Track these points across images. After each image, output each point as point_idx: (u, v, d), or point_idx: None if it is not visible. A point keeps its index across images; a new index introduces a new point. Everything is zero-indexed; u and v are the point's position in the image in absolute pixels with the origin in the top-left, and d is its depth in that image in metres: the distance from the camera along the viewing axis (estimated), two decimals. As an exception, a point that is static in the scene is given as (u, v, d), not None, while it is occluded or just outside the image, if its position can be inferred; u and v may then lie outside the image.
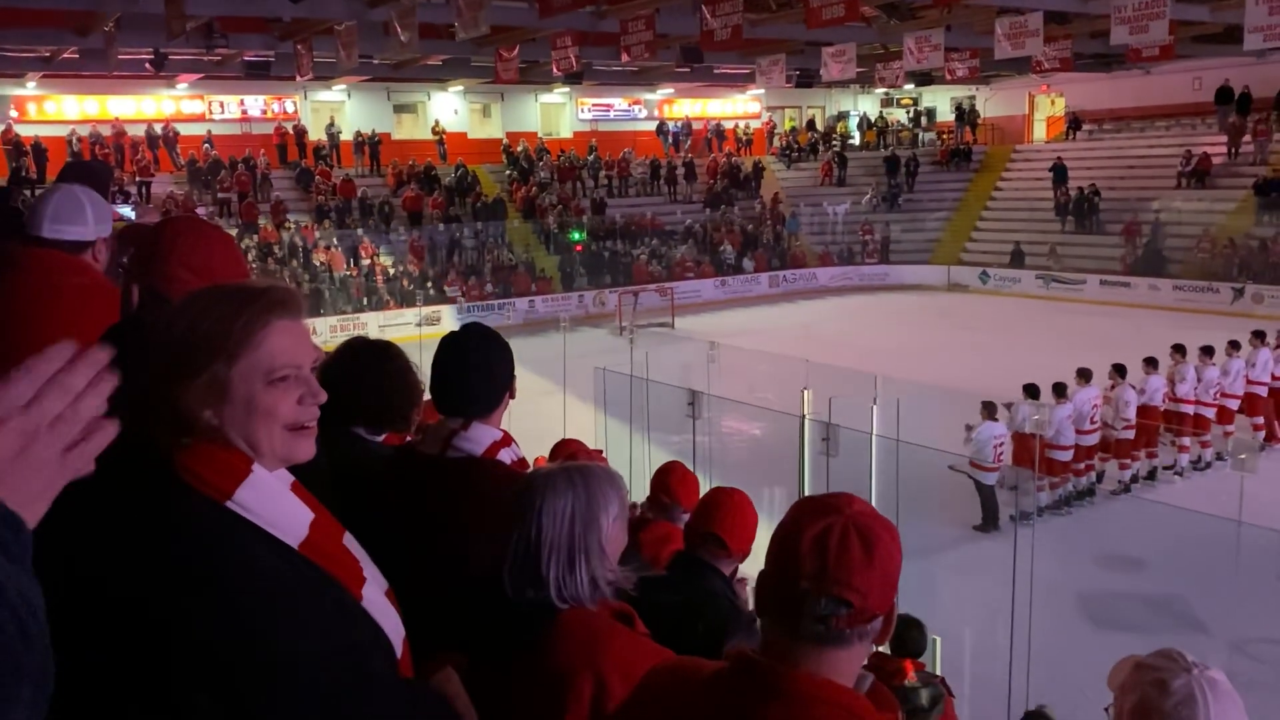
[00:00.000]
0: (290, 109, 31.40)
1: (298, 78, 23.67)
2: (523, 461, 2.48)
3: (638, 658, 1.84)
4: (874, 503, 6.91)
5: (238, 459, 1.49)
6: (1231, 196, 28.45)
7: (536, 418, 13.53)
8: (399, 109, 33.67)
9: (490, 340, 2.47)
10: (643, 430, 11.91)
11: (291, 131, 30.60)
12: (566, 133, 35.87)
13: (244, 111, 30.75)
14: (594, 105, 36.33)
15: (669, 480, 4.26)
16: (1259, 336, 14.33)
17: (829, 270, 32.92)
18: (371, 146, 31.18)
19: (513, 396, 2.47)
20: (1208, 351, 13.63)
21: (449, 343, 2.45)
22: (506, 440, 2.43)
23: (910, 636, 5.73)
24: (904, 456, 10.40)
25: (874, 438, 9.86)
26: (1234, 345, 14.04)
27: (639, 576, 2.09)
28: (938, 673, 6.41)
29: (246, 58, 23.99)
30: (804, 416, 10.77)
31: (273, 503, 1.51)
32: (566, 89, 34.32)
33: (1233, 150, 29.85)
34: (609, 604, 1.99)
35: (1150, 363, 13.19)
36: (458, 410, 2.39)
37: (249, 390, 1.47)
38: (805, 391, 11.37)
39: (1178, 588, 9.49)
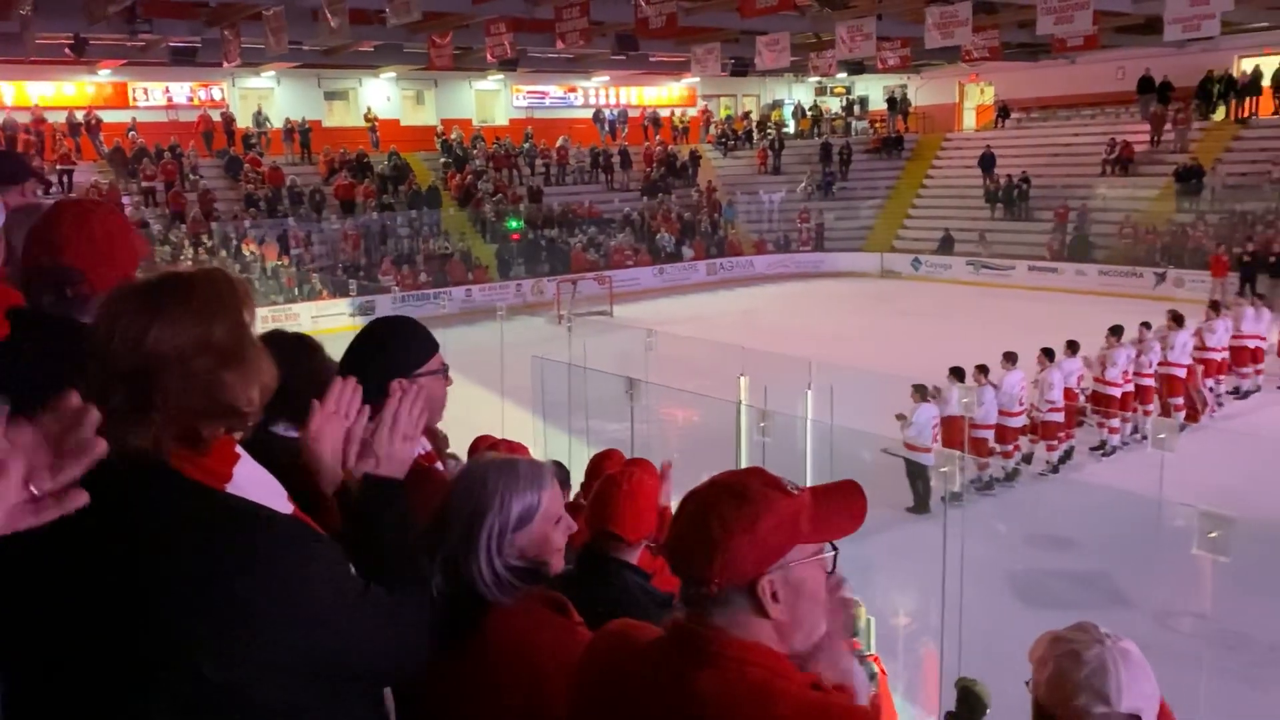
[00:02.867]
0: (218, 96, 30.74)
1: (225, 64, 23.18)
2: (430, 455, 2.46)
3: (572, 647, 1.85)
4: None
5: (226, 444, 1.58)
6: (1154, 184, 29.21)
7: (473, 408, 13.47)
8: (330, 96, 33.14)
9: (397, 329, 2.45)
10: (581, 419, 11.91)
11: (219, 119, 29.95)
12: (502, 120, 35.61)
13: (169, 98, 30.02)
14: (529, 92, 36.13)
15: (603, 468, 4.27)
16: (1176, 320, 14.75)
17: (765, 258, 33.18)
18: (302, 134, 30.64)
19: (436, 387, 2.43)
20: (1115, 332, 13.97)
21: (362, 333, 2.44)
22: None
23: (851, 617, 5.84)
24: (838, 440, 10.56)
25: (809, 422, 10.00)
26: (1145, 326, 14.44)
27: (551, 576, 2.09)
28: (872, 651, 6.54)
29: (172, 43, 23.40)
30: (740, 402, 10.88)
31: (260, 480, 1.63)
32: (501, 76, 34.08)
33: (1155, 138, 30.65)
34: (543, 594, 1.99)
35: (1071, 346, 13.51)
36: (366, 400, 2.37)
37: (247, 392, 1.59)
38: (742, 378, 11.48)
39: (1103, 564, 9.76)
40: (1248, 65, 30.65)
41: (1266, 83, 29.59)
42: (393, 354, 2.40)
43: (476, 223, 30.53)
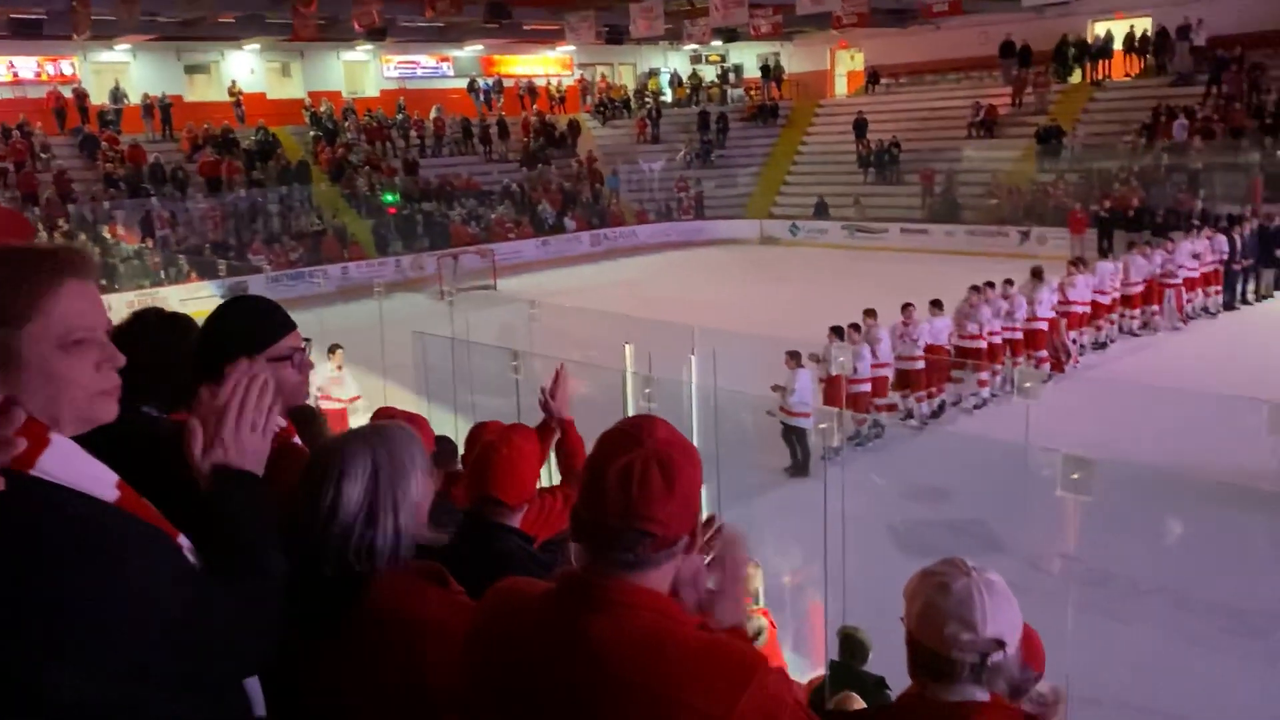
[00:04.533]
0: (68, 71, 29.18)
1: (75, 36, 22.00)
2: (286, 431, 2.40)
3: (452, 616, 1.84)
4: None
5: (34, 428, 1.43)
6: (1016, 145, 30.32)
7: (356, 387, 13.18)
8: (190, 70, 31.80)
9: (244, 309, 2.37)
10: (466, 394, 11.77)
11: (71, 95, 28.42)
12: (373, 91, 34.75)
13: (15, 74, 28.38)
14: (400, 63, 35.35)
15: (481, 438, 4.25)
16: (1038, 275, 15.38)
17: (648, 227, 33.31)
18: (162, 110, 29.35)
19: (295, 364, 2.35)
20: (975, 289, 14.50)
21: (212, 315, 2.35)
22: None
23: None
24: (722, 404, 10.70)
25: (693, 387, 10.10)
26: (1009, 283, 15.03)
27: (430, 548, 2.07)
28: (762, 605, 6.68)
29: (14, 15, 22.06)
30: (626, 370, 10.92)
31: (76, 467, 1.49)
32: (370, 46, 33.24)
33: (1016, 101, 31.78)
34: (420, 565, 1.96)
35: (936, 304, 13.96)
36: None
37: (42, 356, 1.42)
38: (627, 346, 11.52)
39: (977, 512, 10.16)
40: (1100, 30, 32.04)
41: (1118, 46, 30.96)
42: (240, 336, 2.31)
43: (350, 198, 29.79)
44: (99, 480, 1.53)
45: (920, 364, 13.37)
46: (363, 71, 35.02)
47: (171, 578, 1.52)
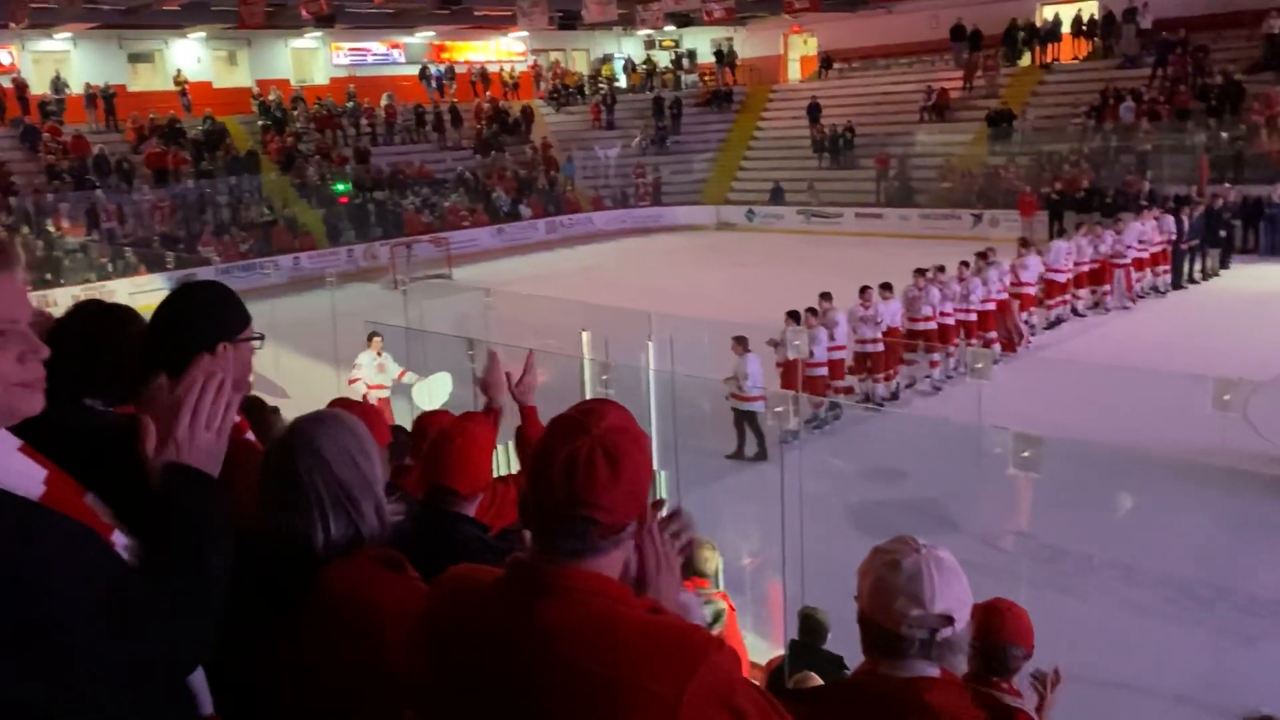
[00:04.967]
0: (6, 60, 28.49)
1: (13, 25, 21.47)
2: (239, 426, 2.36)
3: (409, 602, 1.83)
4: (654, 436, 7.09)
5: None
6: (968, 129, 30.60)
7: (308, 379, 13.05)
8: (134, 58, 31.19)
9: (192, 299, 2.32)
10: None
11: (10, 85, 27.76)
12: (322, 79, 34.31)
13: (-50, 64, 27.70)
14: (350, 50, 34.91)
15: (429, 426, 4.25)
16: (983, 257, 15.54)
17: (604, 214, 33.25)
18: (105, 100, 28.75)
19: (241, 360, 2.31)
20: (920, 273, 14.64)
21: (166, 304, 2.30)
22: None
23: (697, 557, 5.98)
24: (680, 389, 10.72)
25: (651, 373, 10.10)
26: (965, 265, 15.20)
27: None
28: (720, 589, 6.71)
29: (-53, 2, 21.52)
30: (584, 357, 10.90)
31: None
32: (319, 33, 32.80)
33: (967, 85, 32.06)
34: (376, 552, 1.95)
35: (885, 288, 14.07)
36: (168, 370, 2.24)
37: None
38: (584, 333, 11.51)
39: (932, 491, 10.27)
40: (1049, 13, 32.41)
41: (1066, 29, 31.33)
42: (209, 324, 2.26)
43: (301, 187, 29.42)
44: (25, 476, 1.51)
45: (880, 346, 13.48)
46: (312, 59, 34.55)
47: (96, 576, 1.49)
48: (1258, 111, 25.07)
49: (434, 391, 10.48)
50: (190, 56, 31.56)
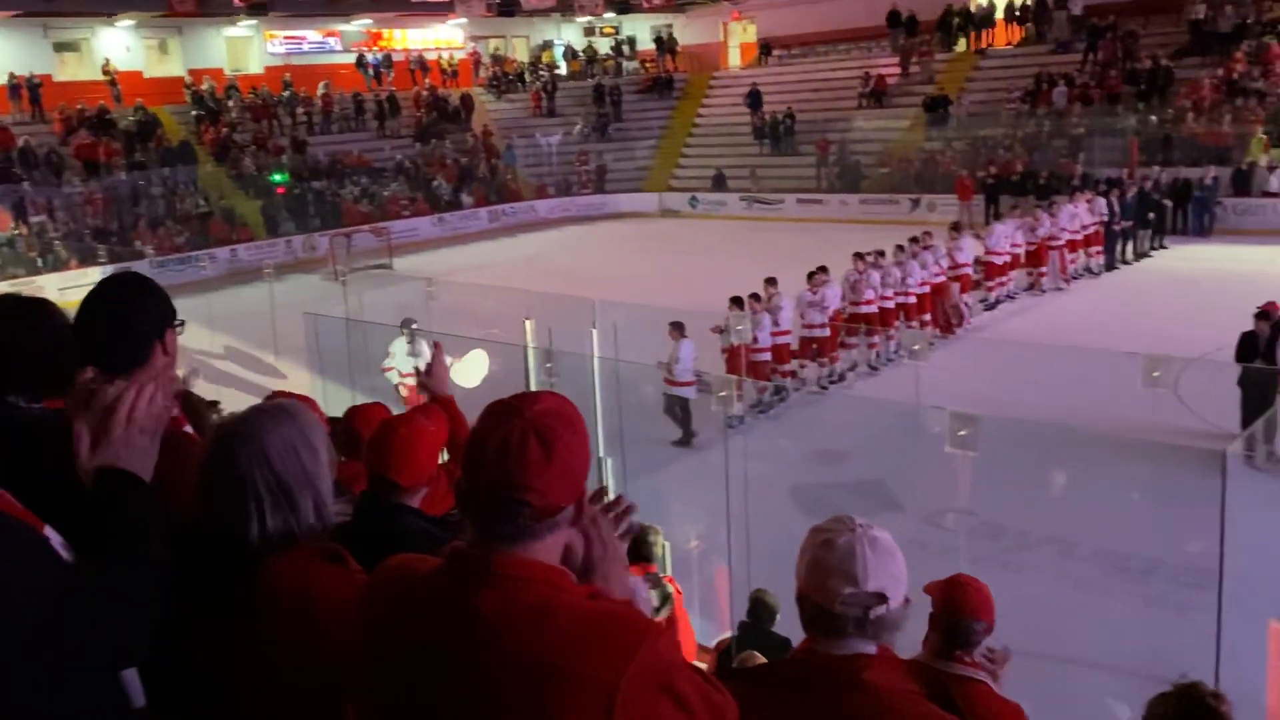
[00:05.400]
0: (-77, 49, 27.57)
1: (-72, 12, 20.76)
2: (176, 420, 2.32)
3: (351, 594, 1.80)
4: (599, 424, 7.09)
5: None
6: (905, 114, 30.93)
7: (247, 371, 12.85)
8: (60, 47, 30.32)
9: (131, 289, 2.27)
10: (362, 375, 11.58)
11: (-72, 74, 26.90)
12: (257, 68, 33.66)
13: None
14: (285, 38, 34.30)
15: (354, 423, 4.22)
16: (917, 241, 15.73)
17: (547, 202, 33.09)
18: (31, 90, 27.93)
19: (167, 352, 2.27)
20: (859, 257, 14.78)
21: (89, 296, 2.25)
22: None
23: (644, 542, 6.01)
24: (626, 376, 10.73)
25: (595, 360, 10.10)
26: (901, 249, 15.37)
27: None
28: (668, 573, 6.74)
29: None
30: (527, 346, 10.86)
31: None
32: (253, 21, 32.22)
33: (904, 71, 32.38)
34: (316, 545, 1.93)
35: (822, 270, 14.16)
36: (99, 364, 2.19)
37: None
38: (527, 322, 11.47)
39: (876, 472, 10.40)
40: (983, -1, 32.87)
41: (1000, 15, 31.78)
42: (135, 319, 2.22)
43: (237, 178, 28.89)
44: None
45: (826, 331, 13.59)
46: (246, 48, 33.88)
47: (36, 570, 1.48)
48: (1185, 95, 25.68)
49: (471, 370, 10.35)
50: (119, 45, 30.77)
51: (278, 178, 29.11)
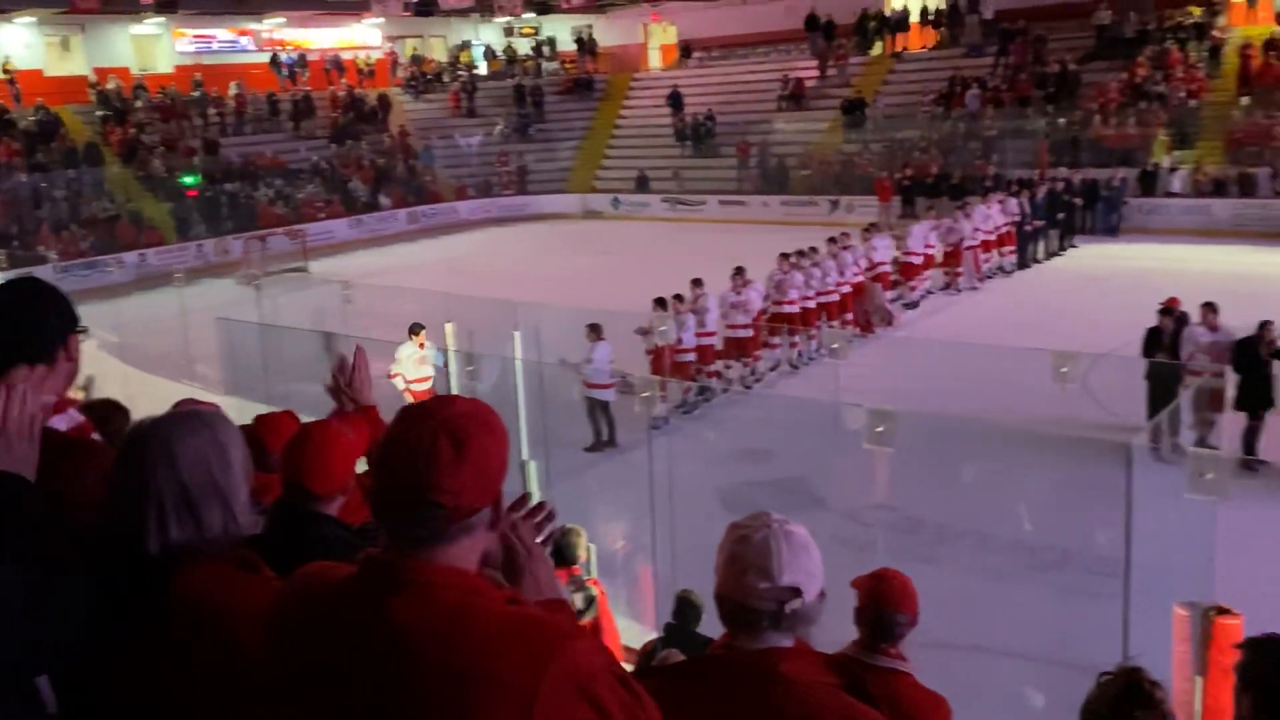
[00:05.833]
0: None
1: None
2: (83, 427, 2.25)
3: (266, 603, 1.75)
4: (523, 426, 7.03)
5: None
6: (823, 117, 31.37)
7: (157, 378, 12.49)
8: (-46, 44, 29.18)
9: (29, 294, 2.19)
10: (278, 381, 11.33)
11: None
12: (165, 67, 32.78)
13: None
14: (195, 37, 33.48)
15: (258, 433, 4.11)
16: (833, 242, 15.93)
17: (468, 203, 32.82)
18: (-76, 88, 26.83)
19: (70, 359, 2.20)
20: (784, 257, 14.95)
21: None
22: (62, 405, 2.22)
23: (567, 545, 5.98)
24: (550, 378, 10.68)
25: (518, 362, 10.02)
26: (814, 250, 15.54)
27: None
28: (593, 575, 6.72)
29: None
30: (448, 349, 10.74)
31: None
32: (161, 19, 31.38)
33: (822, 73, 32.83)
34: (231, 554, 1.89)
35: (743, 271, 14.27)
36: None
37: None
38: (448, 325, 11.34)
39: (799, 470, 10.51)
40: (898, 3, 33.47)
41: (915, 19, 32.41)
42: (39, 323, 2.14)
43: (145, 180, 28.10)
44: None
45: (750, 331, 13.69)
46: (154, 46, 32.96)
47: None
48: (1092, 98, 26.50)
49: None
50: (18, 42, 29.71)
51: (189, 180, 28.39)
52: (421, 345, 11.89)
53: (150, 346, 12.19)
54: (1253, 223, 22.41)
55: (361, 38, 37.24)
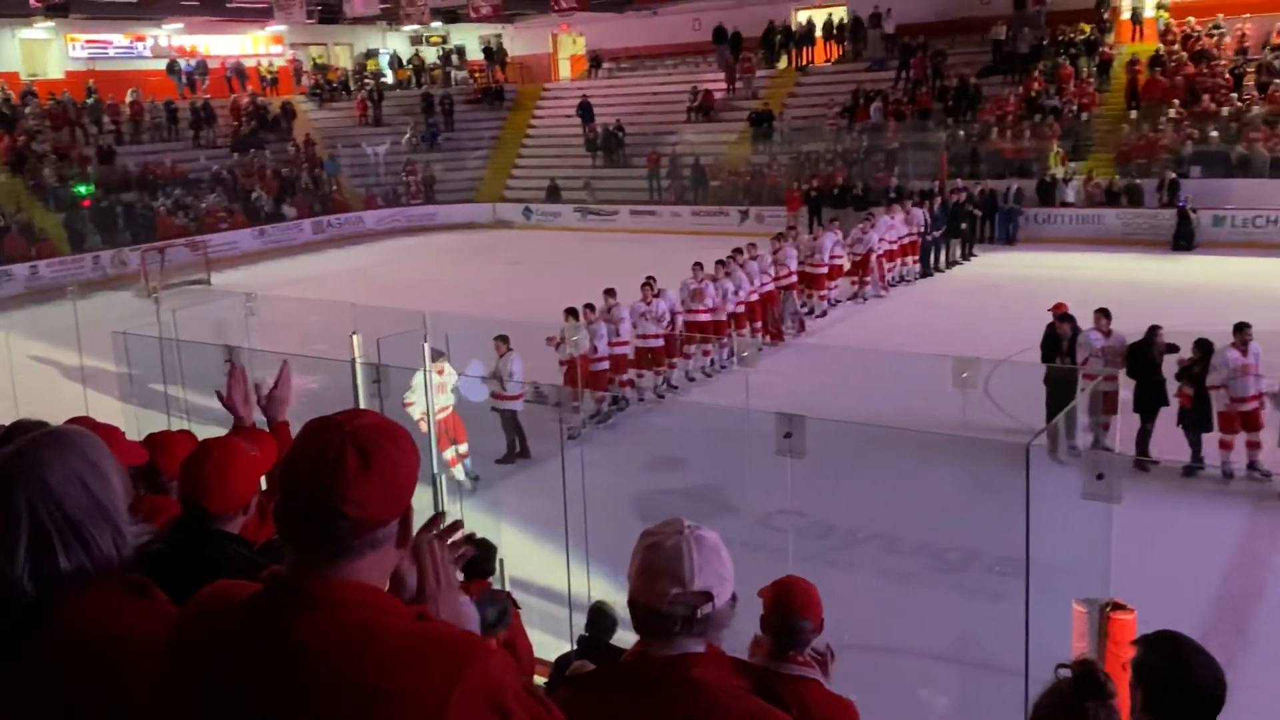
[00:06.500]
0: None
1: None
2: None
3: (157, 629, 1.69)
4: (433, 437, 6.93)
5: None
6: (732, 129, 31.75)
7: (52, 397, 12.02)
8: None
9: None
10: (179, 395, 10.99)
11: None
12: (56, 73, 31.67)
13: None
14: (88, 42, 32.43)
15: (152, 452, 3.97)
16: (742, 252, 16.10)
17: (375, 213, 32.37)
18: None
19: None
20: (698, 267, 15.08)
21: None
22: None
23: (479, 559, 5.92)
24: (460, 389, 10.57)
25: (428, 374, 9.89)
26: (719, 263, 15.67)
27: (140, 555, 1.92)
28: (506, 588, 6.66)
29: None
30: (354, 360, 10.53)
31: None
32: (51, 23, 30.27)
33: (730, 86, 33.24)
34: (119, 578, 1.80)
35: (652, 281, 14.33)
36: None
37: None
38: (354, 336, 11.11)
39: (711, 477, 10.59)
40: (803, 17, 34.09)
41: (819, 33, 33.03)
42: None
43: (36, 190, 27.05)
44: None
45: (660, 341, 13.75)
46: (44, 51, 31.82)
47: None
48: (989, 111, 27.35)
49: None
50: (-105, 45, 28.42)
51: (83, 189, 27.44)
52: (440, 373, 11.43)
53: (41, 362, 11.72)
54: (1141, 232, 23.38)
55: (263, 45, 36.49)
